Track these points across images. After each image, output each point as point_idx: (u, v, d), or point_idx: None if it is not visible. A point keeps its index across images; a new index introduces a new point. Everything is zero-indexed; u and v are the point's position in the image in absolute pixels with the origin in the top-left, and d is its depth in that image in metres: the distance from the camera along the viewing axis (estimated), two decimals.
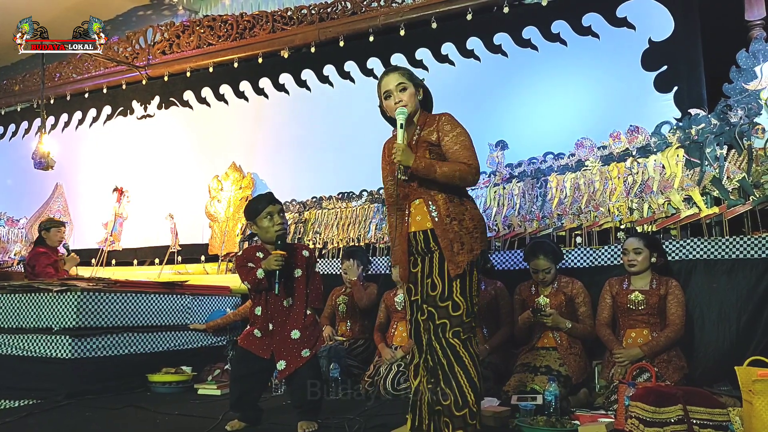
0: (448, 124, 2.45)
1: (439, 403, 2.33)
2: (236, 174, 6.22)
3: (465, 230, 2.38)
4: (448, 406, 2.29)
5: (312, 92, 6.15)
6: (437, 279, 2.39)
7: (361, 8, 5.84)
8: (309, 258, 3.01)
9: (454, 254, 2.36)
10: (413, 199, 2.49)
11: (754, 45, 4.04)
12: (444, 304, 2.36)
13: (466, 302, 2.36)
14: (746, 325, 3.46)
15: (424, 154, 2.43)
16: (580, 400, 3.27)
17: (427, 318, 2.40)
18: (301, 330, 2.86)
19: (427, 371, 2.40)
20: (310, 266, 3.00)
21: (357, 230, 5.22)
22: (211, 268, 5.94)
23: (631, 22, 4.79)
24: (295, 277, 2.94)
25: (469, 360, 2.32)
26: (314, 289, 3.00)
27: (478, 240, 2.40)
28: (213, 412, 3.19)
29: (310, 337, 2.87)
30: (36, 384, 3.77)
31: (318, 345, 2.91)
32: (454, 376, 2.30)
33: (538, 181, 4.55)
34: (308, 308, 2.94)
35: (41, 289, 3.94)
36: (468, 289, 2.38)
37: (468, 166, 2.38)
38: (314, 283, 3.01)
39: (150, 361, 4.17)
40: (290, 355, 2.82)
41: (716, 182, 3.83)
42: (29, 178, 7.35)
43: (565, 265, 3.97)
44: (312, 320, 2.93)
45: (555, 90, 5.02)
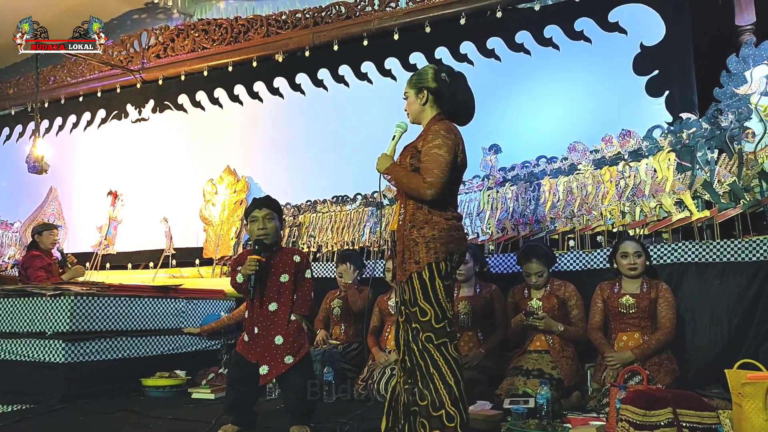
0: (432, 134, 2.41)
1: (415, 403, 2.33)
2: (231, 177, 6.22)
3: (422, 238, 2.36)
4: (426, 407, 2.30)
5: (306, 96, 6.17)
6: (406, 284, 2.41)
7: (356, 12, 5.86)
8: (299, 263, 2.94)
9: (404, 261, 2.41)
10: (398, 200, 2.57)
11: (744, 50, 4.08)
12: (413, 309, 2.37)
13: (433, 308, 2.34)
14: (737, 328, 3.48)
15: (405, 158, 2.49)
16: (572, 403, 3.29)
17: (405, 320, 2.42)
18: (284, 336, 2.83)
19: (404, 372, 2.41)
20: (299, 272, 2.94)
21: (351, 234, 5.23)
22: (206, 271, 5.95)
23: (622, 26, 4.82)
24: (282, 282, 2.91)
25: (444, 364, 2.32)
26: (301, 296, 2.93)
27: (432, 251, 2.35)
28: (207, 417, 3.19)
29: (293, 343, 2.83)
30: (29, 388, 3.76)
31: (302, 352, 2.82)
32: (430, 377, 2.31)
33: (531, 184, 4.57)
34: (293, 314, 2.89)
35: (35, 294, 3.94)
36: (432, 295, 2.34)
37: (423, 180, 2.35)
38: (302, 289, 2.94)
39: (144, 365, 4.17)
40: (273, 360, 2.81)
41: (707, 186, 3.85)
42: (23, 181, 7.34)
43: (558, 268, 4.00)
44: (296, 327, 2.87)
45: (548, 94, 5.05)
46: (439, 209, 2.41)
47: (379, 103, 5.67)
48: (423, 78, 2.52)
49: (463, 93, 2.52)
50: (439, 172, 2.34)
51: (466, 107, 2.53)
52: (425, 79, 2.51)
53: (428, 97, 2.50)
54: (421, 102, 2.51)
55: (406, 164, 2.46)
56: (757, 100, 3.94)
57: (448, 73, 2.51)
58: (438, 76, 2.49)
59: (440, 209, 2.42)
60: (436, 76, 2.49)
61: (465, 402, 2.33)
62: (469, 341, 3.78)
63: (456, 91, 2.50)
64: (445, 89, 2.48)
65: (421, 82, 2.51)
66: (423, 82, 2.50)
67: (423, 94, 2.50)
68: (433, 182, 2.34)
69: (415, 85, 2.52)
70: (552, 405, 2.96)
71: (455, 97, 2.49)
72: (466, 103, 2.52)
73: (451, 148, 2.38)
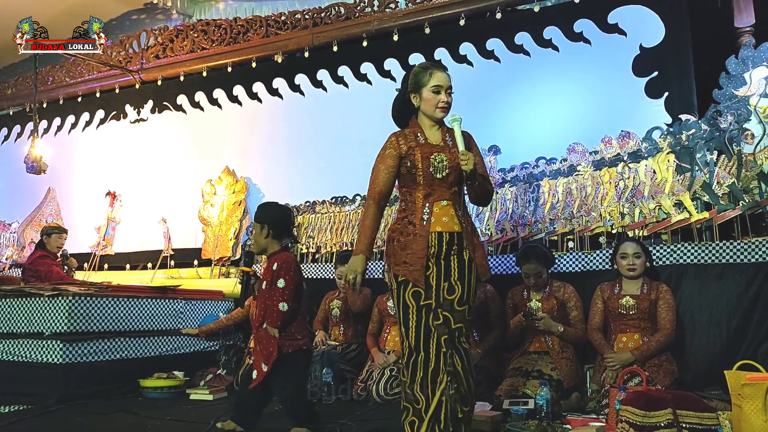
0: (473, 143, 2.57)
1: (461, 410, 2.28)
2: (230, 178, 6.21)
3: (477, 240, 2.53)
4: (468, 412, 2.31)
5: (305, 97, 6.16)
6: (456, 283, 2.37)
7: (355, 13, 5.86)
8: (274, 272, 2.88)
9: (482, 258, 2.47)
10: (438, 200, 2.43)
11: (743, 52, 4.08)
12: (461, 308, 2.36)
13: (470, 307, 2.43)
14: (736, 330, 3.48)
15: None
16: (572, 404, 3.28)
17: (443, 323, 2.33)
18: (259, 343, 2.87)
19: (449, 377, 2.28)
20: (273, 279, 2.88)
21: (350, 235, 5.22)
22: (204, 272, 5.93)
23: (622, 28, 4.83)
24: (263, 290, 2.92)
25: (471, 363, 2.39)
26: (269, 305, 2.85)
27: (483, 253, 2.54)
28: (205, 418, 3.18)
29: (263, 351, 2.83)
30: (27, 389, 3.75)
31: (271, 360, 2.79)
32: (468, 381, 2.31)
33: (531, 185, 4.57)
34: (264, 323, 2.85)
35: (32, 294, 3.93)
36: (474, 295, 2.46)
37: (491, 185, 2.58)
38: (270, 299, 2.86)
39: (142, 366, 4.16)
40: (257, 366, 2.85)
41: (706, 187, 3.85)
42: (21, 182, 7.32)
43: (557, 269, 3.99)
44: (264, 335, 2.84)
45: (547, 95, 5.05)
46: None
47: (379, 104, 5.63)
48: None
49: None
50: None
51: None
52: None
53: None
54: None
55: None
56: (756, 102, 3.94)
57: None
58: None
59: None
60: None
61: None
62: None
63: None
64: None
65: None
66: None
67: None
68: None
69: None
70: (552, 406, 2.96)
71: None
72: None
73: None
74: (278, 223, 3.01)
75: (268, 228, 2.97)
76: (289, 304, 2.84)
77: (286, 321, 2.84)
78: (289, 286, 2.85)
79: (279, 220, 3.03)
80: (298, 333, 2.90)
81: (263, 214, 3.03)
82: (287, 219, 3.11)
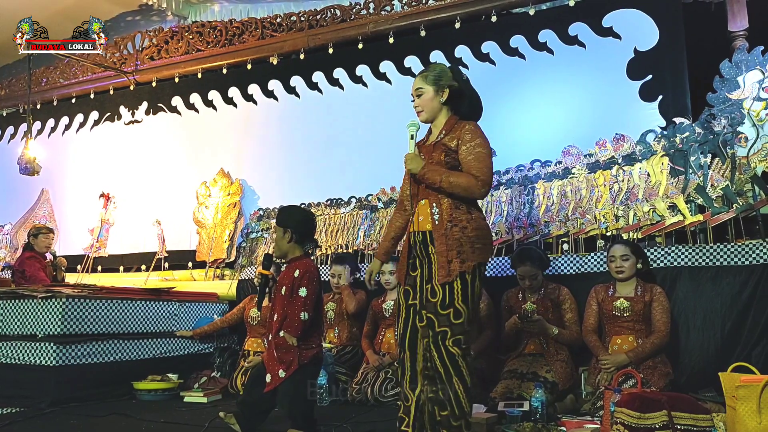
0: (469, 133, 2.41)
1: (439, 413, 2.28)
2: (224, 180, 6.20)
3: (466, 238, 2.33)
4: (447, 417, 2.26)
5: (301, 99, 6.16)
6: (437, 285, 2.34)
7: (351, 16, 5.86)
8: (295, 279, 2.85)
9: (448, 261, 2.32)
10: (420, 199, 2.46)
11: (737, 55, 4.11)
12: (445, 311, 2.30)
13: (468, 310, 2.31)
14: (730, 332, 3.49)
15: (439, 156, 2.42)
16: (567, 406, 3.29)
17: (426, 325, 2.34)
18: (278, 349, 2.82)
19: (426, 380, 2.33)
20: (294, 287, 2.84)
21: (345, 237, 5.22)
22: (199, 274, 5.91)
23: (616, 31, 4.85)
24: (282, 295, 2.88)
25: (467, 370, 2.30)
26: (290, 314, 2.81)
27: (478, 251, 2.35)
28: (199, 420, 3.16)
29: (282, 358, 2.79)
30: (19, 391, 3.71)
31: (292, 369, 2.76)
32: (451, 385, 2.26)
33: (526, 188, 4.58)
34: (282, 331, 2.81)
35: (26, 296, 3.90)
36: (470, 296, 2.32)
37: (475, 179, 2.35)
38: (291, 307, 2.82)
39: (136, 368, 4.13)
40: (272, 370, 2.81)
41: (700, 190, 3.87)
42: (15, 183, 7.28)
43: (552, 271, 4.00)
44: (284, 343, 2.81)
45: (542, 98, 5.06)
46: (476, 208, 2.44)
47: (374, 106, 5.67)
48: (443, 75, 2.48)
49: (476, 94, 2.55)
50: (488, 170, 2.38)
51: (481, 108, 2.56)
52: (446, 77, 2.48)
53: (448, 95, 2.48)
54: (441, 99, 2.48)
55: (442, 162, 2.42)
56: (749, 105, 3.97)
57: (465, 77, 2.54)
58: (459, 76, 2.50)
59: (477, 208, 2.44)
60: (456, 75, 2.49)
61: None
62: None
63: (472, 92, 2.53)
64: (467, 89, 2.50)
65: (443, 80, 2.47)
66: (444, 80, 2.47)
67: (444, 92, 2.47)
68: (487, 180, 2.37)
69: (435, 82, 2.47)
70: (546, 408, 2.96)
71: (473, 101, 2.51)
72: (480, 104, 2.55)
73: (490, 148, 2.43)
74: (301, 228, 2.93)
75: (291, 233, 2.89)
76: (310, 313, 2.80)
77: (305, 330, 2.80)
78: (311, 296, 2.82)
79: (302, 224, 2.95)
80: (314, 341, 2.87)
81: (286, 218, 2.95)
82: (310, 223, 3.02)
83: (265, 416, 2.91)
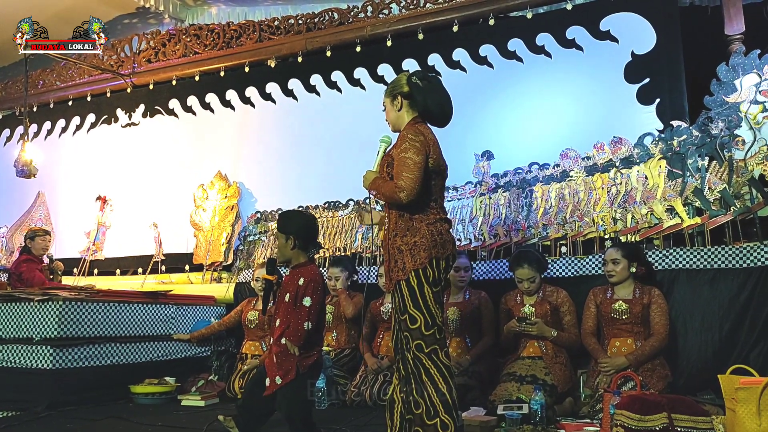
0: (401, 139, 2.41)
1: (411, 411, 2.33)
2: (222, 183, 6.19)
3: (405, 245, 2.36)
4: (420, 415, 2.30)
5: (299, 102, 6.16)
6: (396, 292, 2.41)
7: (349, 19, 5.87)
8: (300, 287, 2.80)
9: (390, 269, 2.42)
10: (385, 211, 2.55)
11: (734, 59, 4.13)
12: (403, 317, 2.37)
13: (423, 315, 2.34)
14: (728, 334, 3.50)
15: (383, 169, 2.49)
16: (566, 409, 3.29)
17: (399, 328, 2.42)
18: (277, 355, 2.78)
19: (399, 380, 2.42)
20: (298, 296, 2.79)
21: (343, 240, 5.21)
22: (196, 277, 5.89)
23: (614, 35, 4.86)
24: (285, 302, 2.84)
25: (436, 371, 2.31)
26: (293, 323, 2.76)
27: (417, 257, 2.35)
28: (197, 424, 3.15)
29: (281, 365, 2.75)
30: (16, 395, 3.70)
31: (289, 377, 2.72)
32: (423, 385, 2.31)
33: (524, 191, 4.59)
34: (284, 338, 2.77)
35: (22, 299, 3.88)
36: (422, 302, 2.34)
37: (395, 185, 2.34)
38: (295, 316, 2.76)
39: (133, 371, 4.12)
40: (270, 376, 2.78)
41: (698, 193, 3.88)
42: (11, 185, 7.25)
43: (550, 274, 4.00)
44: (284, 350, 2.76)
45: (540, 101, 5.07)
46: (420, 215, 2.41)
47: (372, 109, 5.61)
48: (396, 85, 2.53)
49: (437, 95, 2.48)
50: (408, 174, 2.32)
51: (442, 108, 2.49)
52: (398, 85, 2.51)
53: (402, 102, 2.49)
54: (396, 108, 2.51)
55: (385, 174, 2.47)
56: (746, 108, 3.99)
57: (420, 77, 2.49)
58: (410, 81, 2.48)
59: (422, 214, 2.41)
60: (408, 81, 2.49)
61: (458, 409, 2.33)
62: (457, 347, 3.77)
63: (429, 94, 2.46)
64: (417, 92, 2.46)
65: (395, 89, 2.51)
66: (396, 89, 2.51)
67: (398, 101, 2.50)
68: (404, 185, 2.32)
69: (390, 93, 2.53)
70: (546, 411, 2.95)
71: (427, 100, 2.46)
72: (441, 104, 2.48)
73: (419, 150, 2.35)
74: (303, 233, 2.87)
75: (294, 239, 2.85)
76: (314, 323, 2.77)
77: (308, 339, 2.77)
78: (315, 305, 2.78)
79: (304, 229, 2.89)
80: (313, 348, 2.83)
81: (287, 224, 2.90)
82: (313, 227, 2.96)
83: (265, 420, 2.89)
